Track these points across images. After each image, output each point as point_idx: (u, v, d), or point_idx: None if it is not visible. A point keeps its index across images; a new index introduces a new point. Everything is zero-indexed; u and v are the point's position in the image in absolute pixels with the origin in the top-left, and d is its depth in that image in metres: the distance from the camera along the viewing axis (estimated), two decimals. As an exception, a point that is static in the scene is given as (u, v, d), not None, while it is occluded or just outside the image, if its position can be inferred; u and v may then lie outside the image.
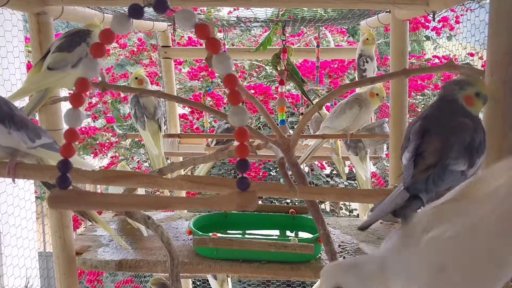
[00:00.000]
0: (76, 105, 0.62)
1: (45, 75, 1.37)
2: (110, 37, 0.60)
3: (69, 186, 0.63)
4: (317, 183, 3.73)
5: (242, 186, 0.62)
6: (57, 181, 0.63)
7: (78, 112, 0.62)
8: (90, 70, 0.61)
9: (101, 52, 0.60)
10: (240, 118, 0.60)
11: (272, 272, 1.56)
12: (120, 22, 0.59)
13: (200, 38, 0.59)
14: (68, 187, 0.63)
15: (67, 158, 0.63)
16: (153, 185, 0.86)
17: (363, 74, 2.13)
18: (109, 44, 0.61)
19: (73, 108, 0.62)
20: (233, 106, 0.61)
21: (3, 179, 1.75)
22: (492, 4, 0.94)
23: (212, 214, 1.89)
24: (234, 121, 0.61)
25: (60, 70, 1.37)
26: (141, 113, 1.95)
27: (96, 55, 0.60)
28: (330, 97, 1.56)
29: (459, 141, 0.89)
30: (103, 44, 0.60)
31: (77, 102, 0.62)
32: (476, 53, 3.37)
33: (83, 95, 0.62)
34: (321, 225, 1.21)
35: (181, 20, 0.58)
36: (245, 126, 0.62)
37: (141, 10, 0.58)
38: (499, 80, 0.92)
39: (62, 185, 0.63)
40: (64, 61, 1.37)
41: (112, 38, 0.60)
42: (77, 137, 0.62)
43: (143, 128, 1.96)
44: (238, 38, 4.54)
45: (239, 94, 0.61)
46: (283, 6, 1.98)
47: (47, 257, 2.96)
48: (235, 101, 0.61)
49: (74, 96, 0.61)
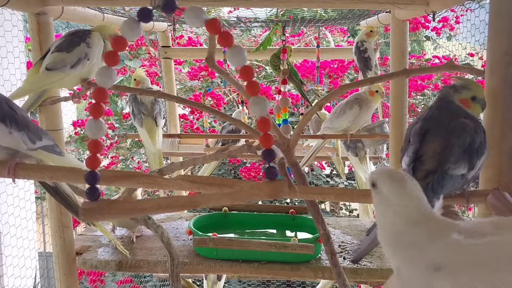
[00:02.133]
0: (97, 116, 0.61)
1: (44, 76, 1.36)
2: (123, 44, 0.59)
3: (99, 197, 0.63)
4: (317, 183, 3.73)
5: (270, 175, 0.63)
6: (87, 193, 0.63)
7: (100, 122, 0.61)
8: (107, 79, 0.60)
9: (115, 60, 0.59)
10: (261, 108, 0.60)
11: (272, 272, 1.56)
12: (131, 27, 0.58)
13: (212, 33, 0.58)
14: (98, 198, 0.63)
15: (94, 170, 0.63)
16: (153, 185, 0.85)
17: (364, 55, 2.12)
18: (121, 51, 0.60)
19: (94, 119, 0.61)
20: (253, 97, 0.60)
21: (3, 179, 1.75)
22: (492, 4, 0.94)
23: (212, 214, 1.90)
24: (255, 110, 0.60)
25: (59, 70, 1.35)
26: (138, 110, 1.94)
27: (110, 63, 0.60)
28: (330, 97, 1.56)
29: (459, 143, 0.88)
30: (116, 52, 0.59)
31: (97, 112, 0.61)
32: (476, 53, 3.37)
33: (102, 105, 0.61)
34: (321, 225, 1.21)
35: (191, 17, 0.58)
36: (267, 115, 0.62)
37: (150, 13, 0.57)
38: (499, 80, 0.92)
39: (92, 197, 0.63)
40: (63, 61, 1.36)
41: (124, 45, 0.59)
42: (101, 147, 0.63)
43: (140, 126, 1.95)
44: (238, 38, 4.53)
45: (256, 84, 0.60)
46: (283, 6, 1.98)
47: (47, 257, 2.96)
48: (254, 92, 0.60)
49: (93, 107, 0.61)
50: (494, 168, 0.94)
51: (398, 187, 0.67)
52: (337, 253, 1.29)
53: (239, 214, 1.90)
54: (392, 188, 0.67)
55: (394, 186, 0.67)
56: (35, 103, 1.40)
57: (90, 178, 0.63)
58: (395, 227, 0.66)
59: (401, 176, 0.68)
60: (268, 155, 0.61)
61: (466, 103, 0.94)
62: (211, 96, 3.49)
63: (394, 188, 0.67)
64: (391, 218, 0.66)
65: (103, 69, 0.60)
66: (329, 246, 1.23)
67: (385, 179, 0.68)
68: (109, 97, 3.61)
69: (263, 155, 0.62)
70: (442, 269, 0.59)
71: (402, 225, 0.65)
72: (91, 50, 1.39)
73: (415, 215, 0.65)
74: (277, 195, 0.63)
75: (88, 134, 0.61)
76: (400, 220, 0.66)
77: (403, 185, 0.67)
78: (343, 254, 1.66)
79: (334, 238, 1.80)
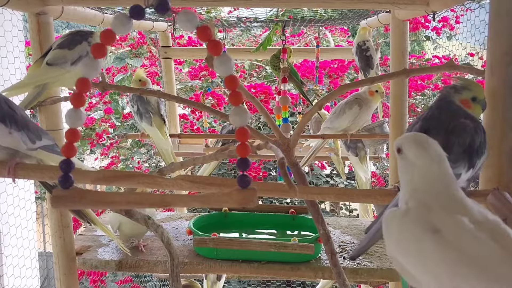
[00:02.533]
0: (77, 105, 0.61)
1: (44, 71, 1.37)
2: (111, 37, 0.59)
3: (71, 185, 0.63)
4: (317, 183, 3.73)
5: (242, 183, 0.63)
6: (59, 180, 0.63)
7: (79, 112, 0.62)
8: (91, 69, 0.61)
9: (102, 53, 0.60)
10: (241, 118, 0.62)
11: (272, 272, 1.56)
12: (121, 22, 0.58)
13: (202, 40, 0.59)
14: (70, 187, 0.63)
15: (69, 158, 0.63)
16: (153, 185, 0.86)
17: (366, 54, 2.12)
18: (110, 44, 0.60)
19: (74, 108, 0.62)
20: (234, 107, 0.62)
21: (3, 179, 1.75)
22: (492, 4, 0.94)
23: (212, 214, 1.90)
24: (235, 121, 0.62)
25: (59, 66, 1.36)
26: (145, 109, 1.93)
27: (97, 55, 0.60)
28: (330, 97, 1.56)
29: (458, 142, 0.89)
30: (104, 45, 0.60)
31: (78, 102, 0.61)
32: (476, 53, 3.37)
33: (84, 95, 0.61)
34: (321, 225, 1.21)
35: (183, 21, 0.58)
36: (246, 126, 0.63)
37: (142, 11, 0.58)
38: (499, 80, 0.92)
39: (65, 185, 0.63)
40: (64, 57, 1.37)
41: (113, 39, 0.60)
42: (78, 137, 0.62)
43: (150, 124, 1.94)
44: (238, 38, 4.54)
45: (240, 95, 0.62)
46: (283, 6, 1.98)
47: (47, 257, 2.96)
48: (236, 102, 0.62)
49: (75, 96, 0.61)
50: (494, 168, 0.94)
51: (422, 150, 0.70)
52: (337, 253, 1.29)
53: (239, 214, 1.90)
54: (417, 152, 0.70)
55: (419, 150, 0.70)
56: (34, 100, 1.40)
57: (64, 166, 0.62)
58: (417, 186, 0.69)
59: (425, 139, 0.72)
60: (242, 164, 0.63)
61: (467, 104, 0.95)
62: (212, 96, 3.49)
63: (419, 152, 0.70)
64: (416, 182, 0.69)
65: (89, 60, 0.61)
66: (329, 246, 1.23)
67: (411, 144, 0.71)
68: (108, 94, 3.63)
69: (237, 163, 0.63)
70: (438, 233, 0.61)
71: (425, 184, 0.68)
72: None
73: (437, 176, 0.68)
74: (247, 204, 0.64)
75: (67, 122, 0.62)
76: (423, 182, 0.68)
77: (427, 148, 0.70)
78: (343, 254, 1.66)
79: (334, 238, 1.80)
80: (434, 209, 0.64)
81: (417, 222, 0.64)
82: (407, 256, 0.65)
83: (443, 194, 0.67)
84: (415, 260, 0.63)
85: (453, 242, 0.60)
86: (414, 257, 0.63)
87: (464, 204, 0.66)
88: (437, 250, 0.60)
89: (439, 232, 0.61)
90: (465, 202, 0.66)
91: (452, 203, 0.66)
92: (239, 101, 0.62)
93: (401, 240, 0.66)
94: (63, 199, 0.62)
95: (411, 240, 0.64)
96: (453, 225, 0.62)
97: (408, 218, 0.65)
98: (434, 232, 0.61)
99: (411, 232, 0.64)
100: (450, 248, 0.60)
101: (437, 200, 0.66)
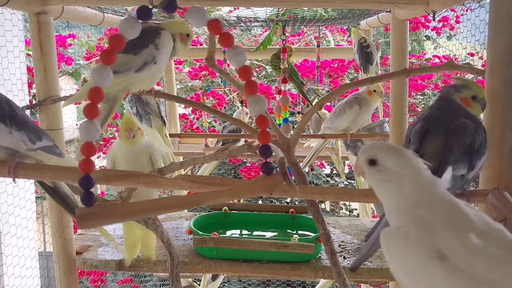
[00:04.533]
0: (92, 117, 0.57)
1: None
2: (120, 42, 0.57)
3: (95, 202, 0.59)
4: (317, 182, 3.73)
5: (266, 170, 0.65)
6: (82, 198, 0.59)
7: (94, 124, 0.57)
8: (103, 78, 0.57)
9: (112, 59, 0.57)
10: (260, 106, 0.63)
11: (272, 272, 1.56)
12: (130, 25, 0.57)
13: (213, 33, 0.59)
14: (94, 204, 0.59)
15: (88, 174, 0.58)
16: (153, 185, 0.86)
17: (367, 50, 2.11)
18: (119, 50, 0.57)
19: (89, 120, 0.57)
20: (251, 96, 0.62)
21: (3, 179, 1.75)
22: (492, 4, 0.94)
23: (212, 214, 1.90)
24: (254, 109, 0.63)
25: (123, 74, 1.22)
26: (144, 110, 1.89)
27: (107, 62, 0.57)
28: (330, 97, 1.56)
29: (459, 143, 0.88)
30: (113, 51, 0.57)
31: (92, 113, 0.57)
32: (476, 53, 3.37)
33: (97, 105, 0.57)
34: (321, 224, 1.21)
35: (194, 17, 0.58)
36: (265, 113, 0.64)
37: (149, 12, 0.57)
38: (499, 80, 0.92)
39: (88, 203, 0.59)
40: (128, 64, 1.22)
41: (122, 44, 0.57)
42: (95, 150, 0.58)
43: (149, 126, 1.88)
44: (238, 37, 4.54)
45: (255, 84, 0.62)
46: (283, 6, 1.98)
47: (47, 257, 2.96)
48: (252, 91, 0.62)
49: (88, 107, 0.57)
50: (494, 168, 0.94)
51: (404, 157, 0.64)
52: (337, 253, 1.29)
53: (239, 214, 1.90)
54: (401, 160, 0.64)
55: (401, 158, 0.64)
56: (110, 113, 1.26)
57: (84, 182, 0.58)
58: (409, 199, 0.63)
59: (398, 147, 0.67)
60: (264, 151, 0.64)
61: (467, 102, 0.94)
62: (212, 95, 3.49)
63: (404, 159, 0.64)
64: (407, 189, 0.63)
65: (100, 67, 0.57)
66: (329, 245, 1.23)
67: (389, 153, 0.65)
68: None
69: (260, 150, 0.63)
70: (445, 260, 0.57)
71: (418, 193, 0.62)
72: (159, 52, 1.26)
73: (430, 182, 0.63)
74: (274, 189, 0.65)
75: (82, 136, 0.58)
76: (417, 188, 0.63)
77: (408, 155, 0.65)
78: (343, 254, 1.66)
79: (334, 237, 1.80)
80: (437, 229, 0.59)
81: (421, 247, 0.59)
82: (414, 281, 0.60)
83: (441, 204, 0.62)
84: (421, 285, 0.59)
85: (462, 268, 0.56)
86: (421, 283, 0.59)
87: (464, 214, 0.61)
88: (445, 279, 0.56)
89: (446, 259, 0.57)
90: (463, 209, 0.62)
91: (452, 214, 0.61)
92: (255, 90, 0.62)
93: (406, 265, 0.61)
94: (90, 217, 0.59)
95: (417, 268, 0.59)
96: (460, 248, 0.57)
97: (411, 243, 0.60)
98: (441, 259, 0.57)
99: (416, 258, 0.59)
100: (460, 276, 0.56)
101: (436, 213, 0.61)
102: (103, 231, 1.43)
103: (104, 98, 1.23)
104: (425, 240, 0.59)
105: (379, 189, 0.67)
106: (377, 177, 0.66)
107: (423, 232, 0.60)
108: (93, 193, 0.59)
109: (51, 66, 1.51)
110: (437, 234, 0.58)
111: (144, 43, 1.24)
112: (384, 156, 0.65)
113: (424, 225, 0.60)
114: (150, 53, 1.24)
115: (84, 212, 0.58)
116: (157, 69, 1.29)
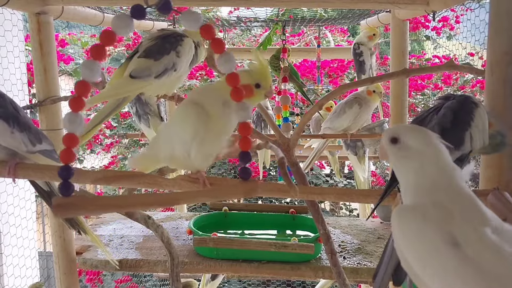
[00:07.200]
0: (76, 109, 0.59)
1: (126, 83, 1.23)
2: (111, 38, 0.58)
3: (72, 192, 0.60)
4: (317, 182, 3.73)
5: (244, 175, 0.67)
6: (60, 188, 0.60)
7: (78, 116, 0.59)
8: (91, 72, 0.58)
9: (102, 55, 0.58)
10: (245, 113, 0.65)
11: (272, 272, 1.56)
12: (123, 23, 0.57)
13: (206, 38, 0.60)
14: (71, 194, 0.60)
15: (68, 164, 0.59)
16: (153, 185, 0.86)
17: (359, 59, 2.11)
18: (110, 45, 0.59)
19: (73, 112, 0.59)
20: (237, 103, 0.64)
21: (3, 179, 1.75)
22: (492, 4, 0.94)
23: (212, 214, 1.90)
24: (239, 116, 0.65)
25: (143, 79, 1.22)
26: (143, 110, 1.89)
27: (96, 57, 0.58)
28: (330, 97, 1.56)
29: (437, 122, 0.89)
30: (103, 46, 0.58)
31: (77, 106, 0.58)
32: (476, 53, 3.37)
33: (83, 98, 0.59)
34: (321, 224, 1.21)
35: (188, 20, 0.59)
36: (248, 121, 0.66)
37: (143, 11, 0.58)
38: (499, 80, 0.92)
39: (66, 192, 0.60)
40: (149, 69, 1.22)
41: (113, 40, 0.58)
42: (77, 142, 0.59)
43: (148, 126, 1.89)
44: (238, 38, 4.54)
45: (242, 92, 0.64)
46: (283, 6, 1.98)
47: (47, 257, 2.96)
48: (238, 98, 0.64)
49: (74, 99, 0.58)
50: (494, 168, 0.94)
51: (428, 137, 0.66)
52: (337, 253, 1.29)
53: (239, 214, 1.90)
54: (423, 140, 0.65)
55: (424, 137, 0.65)
56: (113, 112, 1.27)
57: (63, 172, 0.59)
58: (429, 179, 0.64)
59: (422, 128, 0.68)
60: (244, 157, 0.66)
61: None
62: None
63: (426, 138, 0.65)
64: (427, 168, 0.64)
65: (89, 62, 0.58)
66: (329, 245, 1.23)
67: (412, 132, 0.66)
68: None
69: (240, 156, 0.65)
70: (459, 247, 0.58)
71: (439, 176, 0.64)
72: (180, 60, 1.27)
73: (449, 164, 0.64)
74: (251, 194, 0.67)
75: (65, 127, 0.58)
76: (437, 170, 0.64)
77: (430, 135, 0.66)
78: (343, 254, 1.66)
79: (334, 237, 1.80)
80: (455, 216, 0.60)
81: (437, 230, 0.59)
82: (421, 262, 0.61)
83: (460, 194, 0.63)
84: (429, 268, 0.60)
85: (474, 258, 0.56)
86: (428, 265, 0.60)
87: (481, 208, 0.62)
88: (456, 266, 0.57)
89: (459, 246, 0.58)
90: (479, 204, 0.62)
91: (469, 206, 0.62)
92: (241, 97, 0.64)
93: (417, 245, 0.62)
94: (66, 207, 0.59)
95: (429, 249, 0.60)
96: (475, 239, 0.58)
97: (427, 223, 0.60)
98: (454, 245, 0.58)
99: (429, 240, 0.60)
100: (470, 265, 0.56)
101: (455, 202, 0.62)
102: (94, 237, 1.40)
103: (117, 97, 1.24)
104: (442, 224, 0.60)
105: (399, 167, 0.67)
106: (398, 154, 0.67)
107: (441, 216, 0.60)
108: (71, 184, 0.60)
109: (51, 66, 1.51)
110: (454, 221, 0.60)
111: (166, 49, 1.25)
112: (406, 134, 0.66)
113: (442, 210, 0.61)
114: (171, 60, 1.25)
115: (61, 201, 0.59)
116: (176, 76, 1.29)
